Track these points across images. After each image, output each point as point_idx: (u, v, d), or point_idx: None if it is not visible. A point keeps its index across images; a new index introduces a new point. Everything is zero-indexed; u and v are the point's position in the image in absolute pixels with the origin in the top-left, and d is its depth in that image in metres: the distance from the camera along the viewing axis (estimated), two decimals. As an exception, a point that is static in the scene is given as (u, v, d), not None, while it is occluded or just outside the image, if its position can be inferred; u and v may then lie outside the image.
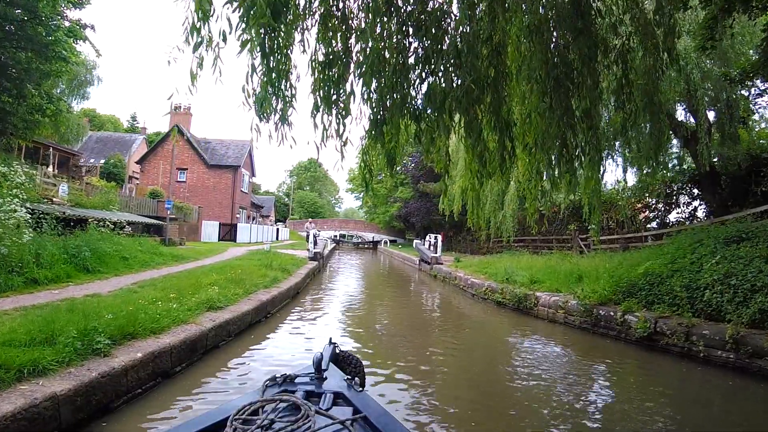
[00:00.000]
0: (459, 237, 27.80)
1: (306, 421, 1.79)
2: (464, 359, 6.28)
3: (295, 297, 10.18)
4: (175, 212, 21.41)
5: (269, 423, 1.80)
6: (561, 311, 8.84)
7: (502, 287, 10.55)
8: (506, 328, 8.75)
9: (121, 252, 10.15)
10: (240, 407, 1.92)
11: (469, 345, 7.22)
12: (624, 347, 7.03)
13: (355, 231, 57.66)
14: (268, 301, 7.72)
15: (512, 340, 7.67)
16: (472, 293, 12.14)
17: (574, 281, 10.06)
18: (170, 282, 7.63)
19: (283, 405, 1.95)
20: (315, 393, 2.22)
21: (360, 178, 3.70)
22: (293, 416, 1.85)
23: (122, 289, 7.15)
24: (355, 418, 1.91)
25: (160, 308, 5.65)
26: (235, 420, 1.82)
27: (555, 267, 11.48)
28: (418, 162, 32.73)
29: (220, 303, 6.57)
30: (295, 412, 1.88)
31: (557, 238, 19.43)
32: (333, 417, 1.87)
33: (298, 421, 1.79)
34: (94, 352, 4.26)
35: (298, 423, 1.78)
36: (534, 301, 9.49)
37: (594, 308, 8.15)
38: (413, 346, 6.84)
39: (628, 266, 9.43)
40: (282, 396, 2.01)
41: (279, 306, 8.54)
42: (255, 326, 7.05)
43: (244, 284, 8.03)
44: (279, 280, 9.71)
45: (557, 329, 8.52)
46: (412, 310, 10.28)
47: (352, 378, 2.45)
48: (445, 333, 8.12)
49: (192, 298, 6.43)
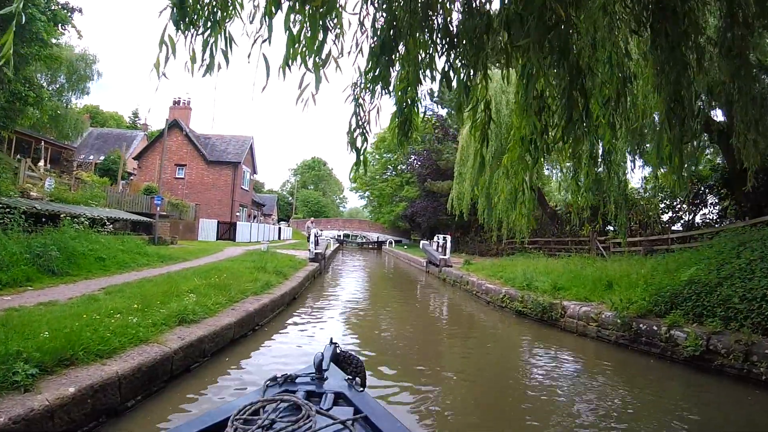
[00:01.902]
0: (467, 238, 26.63)
1: (307, 421, 1.79)
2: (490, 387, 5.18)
3: (291, 303, 9.10)
4: (170, 209, 20.43)
5: (270, 423, 1.80)
6: (593, 324, 7.73)
7: (522, 295, 9.42)
8: (529, 343, 7.64)
9: (97, 252, 9.13)
10: (241, 407, 1.91)
11: (490, 365, 6.11)
12: (669, 368, 6.02)
13: (359, 231, 56.68)
14: (256, 311, 6.63)
15: (538, 360, 6.53)
16: (487, 300, 11.00)
17: (602, 289, 9.00)
18: (143, 288, 6.57)
19: (283, 405, 1.94)
20: (316, 393, 2.21)
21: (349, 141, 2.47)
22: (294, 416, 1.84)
23: (85, 296, 6.10)
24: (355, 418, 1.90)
25: (116, 323, 4.59)
26: (236, 420, 1.82)
27: (579, 272, 10.36)
28: (425, 159, 31.68)
29: (196, 315, 5.50)
30: (295, 412, 1.88)
31: (573, 240, 18.23)
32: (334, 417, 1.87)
33: (298, 421, 1.79)
34: (11, 387, 3.23)
35: (298, 423, 1.78)
36: (560, 312, 8.36)
37: (633, 321, 7.06)
38: (426, 364, 5.74)
39: (663, 272, 8.50)
40: (283, 396, 2.01)
41: (271, 316, 7.45)
42: (239, 342, 5.96)
43: (230, 291, 6.95)
44: (272, 285, 8.62)
45: (589, 345, 7.42)
46: (421, 321, 9.15)
47: (352, 378, 2.42)
48: (464, 349, 7.00)
49: (161, 310, 5.37)
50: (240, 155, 29.17)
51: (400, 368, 5.51)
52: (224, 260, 11.74)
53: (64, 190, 13.25)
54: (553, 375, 5.62)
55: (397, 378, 5.06)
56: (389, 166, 47.69)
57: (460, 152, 18.74)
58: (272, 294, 7.92)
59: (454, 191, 19.52)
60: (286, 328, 7.10)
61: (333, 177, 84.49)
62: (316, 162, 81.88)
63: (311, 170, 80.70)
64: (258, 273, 9.13)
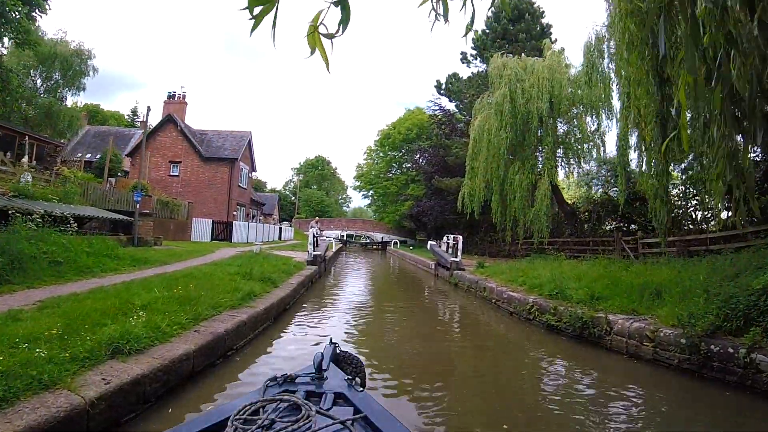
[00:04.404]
0: (476, 238, 25.07)
1: (306, 421, 1.78)
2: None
3: (281, 315, 7.70)
4: (160, 208, 19.10)
5: (270, 423, 1.79)
6: (648, 344, 6.30)
7: (555, 306, 7.94)
8: (567, 367, 6.17)
9: (54, 255, 7.76)
10: (241, 407, 1.90)
11: (521, 401, 4.63)
12: (751, 401, 4.76)
13: (363, 231, 55.30)
14: (228, 332, 5.20)
15: (582, 390, 5.06)
16: (509, 310, 9.51)
17: (649, 298, 7.58)
18: (83, 304, 5.16)
19: (283, 405, 1.93)
20: (315, 393, 2.19)
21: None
22: (294, 416, 1.83)
23: (5, 314, 4.70)
24: (355, 418, 1.89)
25: (15, 359, 3.22)
26: (236, 420, 1.80)
27: (617, 278, 8.88)
28: (432, 156, 30.24)
29: (139, 342, 4.09)
30: (295, 412, 1.87)
31: (595, 240, 16.69)
32: (333, 417, 1.86)
33: (298, 421, 1.78)
34: None
35: (298, 423, 1.77)
36: (605, 328, 6.90)
37: (702, 341, 5.68)
38: (446, 397, 4.29)
39: (721, 278, 6.96)
40: (283, 396, 2.00)
41: (251, 335, 6.00)
42: (202, 376, 4.53)
43: (198, 305, 5.52)
44: (256, 295, 7.18)
45: (643, 370, 6.05)
46: (435, 340, 7.66)
47: (352, 378, 2.39)
48: (495, 386, 5.52)
49: (92, 336, 3.97)
50: (237, 151, 27.78)
51: (422, 414, 4.06)
52: (209, 264, 10.31)
53: (40, 187, 11.93)
54: (603, 411, 4.22)
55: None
56: (394, 164, 46.30)
57: (472, 145, 17.31)
58: (255, 307, 6.48)
59: (466, 187, 18.09)
60: (269, 352, 5.64)
61: (337, 176, 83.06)
62: (320, 160, 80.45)
63: (314, 169, 79.28)
64: (241, 280, 7.70)
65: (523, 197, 15.46)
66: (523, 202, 15.53)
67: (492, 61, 17.28)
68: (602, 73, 13.58)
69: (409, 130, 42.24)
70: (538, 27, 27.49)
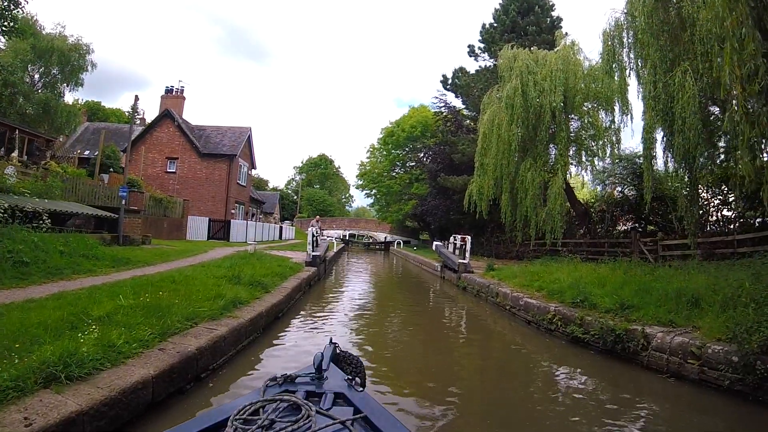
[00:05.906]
0: (482, 239, 24.12)
1: (306, 421, 1.76)
2: None
3: (272, 324, 6.85)
4: (153, 205, 18.31)
5: (270, 423, 1.77)
6: (693, 361, 5.45)
7: (581, 316, 7.04)
8: (605, 388, 5.31)
9: (20, 254, 6.95)
10: (240, 407, 1.87)
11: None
12: None
13: (365, 230, 54.47)
14: (201, 350, 4.33)
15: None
16: (526, 319, 8.60)
17: (686, 307, 6.73)
18: (36, 313, 4.32)
19: (283, 405, 1.91)
20: (315, 393, 2.17)
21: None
22: (294, 416, 1.81)
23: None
24: (355, 417, 1.86)
25: None
26: (236, 420, 1.78)
27: (647, 283, 7.97)
28: (437, 153, 29.32)
29: (82, 367, 3.25)
30: (295, 412, 1.85)
31: (611, 242, 15.76)
32: (333, 417, 1.84)
33: (298, 421, 1.76)
34: None
35: (298, 423, 1.75)
36: (642, 342, 6.01)
37: (759, 359, 4.86)
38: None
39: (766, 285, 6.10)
40: (282, 396, 1.97)
41: (232, 351, 5.14)
42: (164, 408, 3.67)
43: (169, 315, 4.67)
44: (242, 302, 6.32)
45: (686, 393, 5.25)
46: (446, 354, 6.80)
47: (352, 378, 2.37)
48: (520, 398, 4.65)
49: (17, 359, 3.14)
50: (236, 147, 26.93)
51: None
52: (195, 266, 9.46)
53: (19, 181, 11.14)
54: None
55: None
56: (398, 162, 45.41)
57: (481, 141, 16.41)
58: (238, 318, 5.62)
59: (474, 185, 17.19)
60: (251, 373, 4.77)
61: (339, 175, 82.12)
62: (323, 159, 79.53)
63: (317, 168, 78.37)
64: (227, 285, 6.84)
65: (536, 196, 14.55)
66: (535, 201, 14.62)
67: (502, 53, 16.39)
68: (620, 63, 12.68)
69: (414, 127, 41.35)
70: (548, 20, 26.52)
